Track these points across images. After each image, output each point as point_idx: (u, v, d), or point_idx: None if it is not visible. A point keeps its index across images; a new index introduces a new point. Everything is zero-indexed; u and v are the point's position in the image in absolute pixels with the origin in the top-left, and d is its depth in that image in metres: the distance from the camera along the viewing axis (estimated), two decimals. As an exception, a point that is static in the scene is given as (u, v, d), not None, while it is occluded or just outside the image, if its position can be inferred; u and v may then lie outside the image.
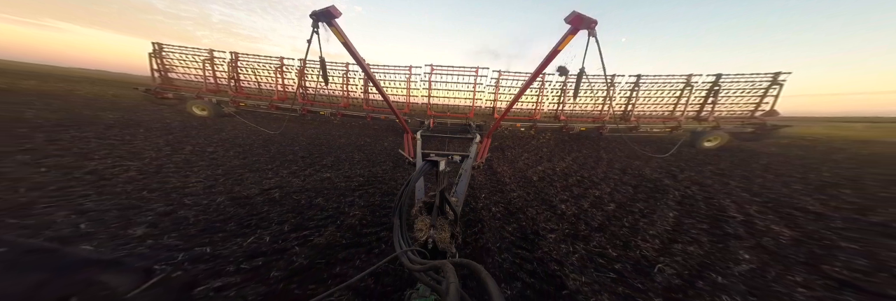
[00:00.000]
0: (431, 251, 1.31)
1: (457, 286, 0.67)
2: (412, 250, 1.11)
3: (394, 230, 1.32)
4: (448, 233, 1.38)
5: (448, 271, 0.72)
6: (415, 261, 1.01)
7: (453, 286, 0.66)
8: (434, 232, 1.34)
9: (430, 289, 0.96)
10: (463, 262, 0.79)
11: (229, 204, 2.51)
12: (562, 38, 2.90)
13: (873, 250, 2.09)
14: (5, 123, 4.78)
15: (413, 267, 0.93)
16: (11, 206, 2.08)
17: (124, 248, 1.72)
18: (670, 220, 2.77)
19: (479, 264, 0.71)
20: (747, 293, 1.68)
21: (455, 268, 0.75)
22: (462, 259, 0.81)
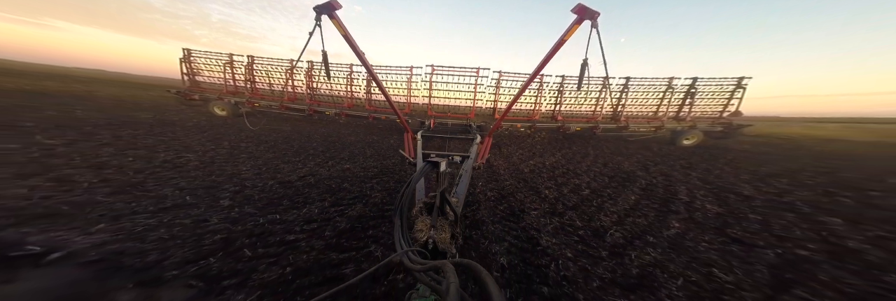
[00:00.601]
0: (432, 252, 1.31)
1: (457, 286, 0.67)
2: (413, 250, 1.11)
3: (394, 230, 1.34)
4: (448, 233, 1.39)
5: (448, 271, 0.73)
6: (415, 261, 1.01)
7: (453, 286, 0.67)
8: (434, 232, 1.35)
9: (431, 289, 0.94)
10: (463, 262, 0.79)
11: (278, 186, 3.16)
12: (567, 28, 3.24)
13: (769, 220, 2.77)
14: (71, 122, 5.45)
15: (414, 267, 0.93)
16: (132, 184, 2.76)
17: (222, 213, 2.38)
18: (631, 201, 3.43)
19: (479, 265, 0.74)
20: (667, 247, 2.35)
21: (455, 268, 0.75)
22: (462, 259, 0.82)
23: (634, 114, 8.26)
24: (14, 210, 2.17)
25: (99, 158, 3.59)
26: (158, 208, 2.34)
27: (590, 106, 8.20)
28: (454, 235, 1.45)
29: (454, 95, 8.34)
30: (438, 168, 1.55)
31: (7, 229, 1.92)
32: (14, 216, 2.08)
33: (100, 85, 17.23)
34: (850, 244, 2.28)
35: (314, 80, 8.60)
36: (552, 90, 8.02)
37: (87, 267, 1.62)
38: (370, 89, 8.38)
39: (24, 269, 1.56)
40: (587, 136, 8.97)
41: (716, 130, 7.68)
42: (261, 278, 1.65)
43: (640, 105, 8.15)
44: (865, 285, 1.77)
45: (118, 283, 1.52)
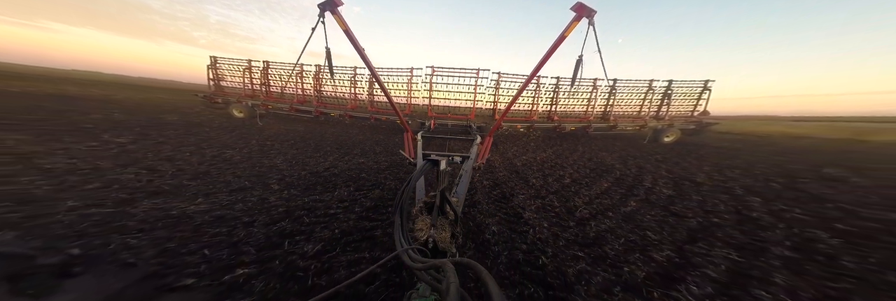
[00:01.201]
0: (432, 251, 1.32)
1: (457, 286, 0.67)
2: (413, 249, 1.11)
3: (395, 229, 1.33)
4: (448, 233, 1.40)
5: (448, 271, 0.73)
6: (415, 259, 1.01)
7: (453, 286, 0.67)
8: (434, 232, 1.35)
9: (431, 287, 0.95)
10: (464, 261, 0.79)
11: (310, 176, 3.83)
12: (567, 25, 3.47)
13: (705, 200, 3.47)
14: (119, 124, 6.14)
15: (414, 265, 0.93)
16: (200, 172, 3.48)
17: (275, 194, 3.05)
18: (603, 188, 4.11)
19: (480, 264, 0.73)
20: (621, 219, 3.03)
21: (455, 267, 0.75)
22: (463, 258, 0.81)
23: (622, 113, 8.95)
24: (136, 189, 2.89)
25: (165, 153, 4.33)
26: (229, 190, 3.02)
27: (582, 106, 8.69)
28: (454, 235, 1.45)
29: (454, 96, 8.43)
30: (438, 167, 1.56)
31: (144, 201, 2.61)
32: (141, 192, 2.78)
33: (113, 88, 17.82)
34: (754, 214, 2.98)
35: (321, 83, 9.22)
36: (548, 91, 8.30)
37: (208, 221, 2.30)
38: (372, 91, 8.75)
39: (174, 224, 2.23)
40: (580, 135, 9.57)
41: (689, 128, 8.43)
42: (319, 236, 2.31)
43: (626, 105, 8.85)
44: (745, 239, 2.47)
45: (232, 228, 2.19)
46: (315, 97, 9.24)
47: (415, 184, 1.67)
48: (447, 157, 2.24)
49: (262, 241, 2.11)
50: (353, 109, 8.76)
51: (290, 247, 2.09)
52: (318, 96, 9.28)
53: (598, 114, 8.80)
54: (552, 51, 3.60)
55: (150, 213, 2.40)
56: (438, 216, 1.43)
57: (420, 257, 1.03)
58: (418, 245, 1.29)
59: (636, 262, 2.09)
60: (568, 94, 8.43)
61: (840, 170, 5.27)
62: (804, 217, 2.99)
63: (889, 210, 3.23)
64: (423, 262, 0.93)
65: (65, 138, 4.74)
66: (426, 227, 1.40)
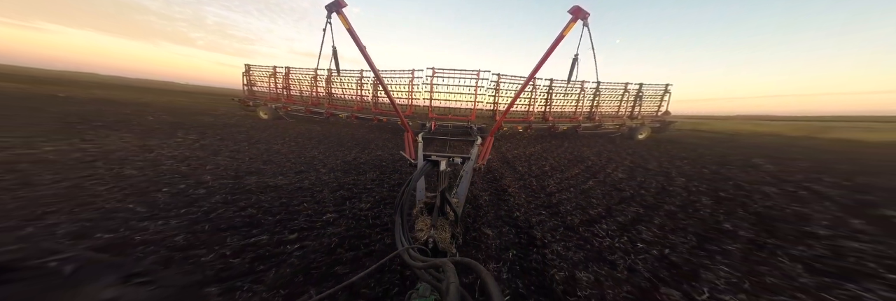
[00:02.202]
0: (432, 251, 1.35)
1: (457, 285, 0.68)
2: (413, 247, 1.12)
3: (395, 228, 1.36)
4: (448, 233, 1.42)
5: (448, 270, 0.74)
6: (416, 258, 1.01)
7: (453, 286, 0.67)
8: (435, 232, 1.37)
9: (431, 286, 0.96)
10: (464, 260, 0.80)
11: (343, 164, 4.91)
12: (564, 26, 3.83)
13: (646, 180, 4.59)
14: (176, 125, 7.25)
15: (415, 264, 0.95)
16: (268, 160, 4.59)
17: (326, 176, 4.13)
18: (574, 173, 5.21)
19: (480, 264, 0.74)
20: (577, 193, 4.12)
21: (455, 267, 0.76)
22: (463, 258, 0.82)
23: (605, 114, 10.04)
24: (236, 170, 4.03)
25: (231, 147, 5.49)
26: (293, 172, 4.11)
27: (572, 107, 9.34)
28: (454, 235, 1.46)
29: (455, 98, 8.57)
30: (438, 167, 1.57)
31: (246, 177, 3.72)
32: (241, 172, 3.89)
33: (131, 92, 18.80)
34: (671, 188, 4.11)
35: (331, 86, 10.23)
36: (542, 93, 8.78)
37: (295, 189, 3.39)
38: (376, 93, 9.03)
39: (276, 190, 3.31)
40: (571, 134, 10.42)
41: (655, 126, 9.61)
42: (366, 199, 3.38)
43: (607, 106, 9.96)
44: (653, 201, 3.59)
45: (311, 194, 3.27)
46: (326, 100, 10.24)
47: (415, 184, 1.69)
48: (447, 158, 2.25)
49: (332, 201, 3.19)
50: (358, 111, 9.29)
51: (350, 204, 3.16)
52: (329, 99, 10.26)
53: (585, 114, 9.69)
54: (551, 51, 3.81)
55: (258, 184, 3.48)
56: (438, 217, 1.46)
57: (420, 256, 1.05)
58: (419, 245, 1.31)
59: (577, 216, 3.18)
60: (561, 95, 8.97)
61: (764, 160, 6.46)
62: (703, 189, 4.14)
63: (765, 185, 4.40)
64: (424, 261, 0.95)
65: (156, 136, 5.94)
66: (426, 227, 1.42)
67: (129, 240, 2.09)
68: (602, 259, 2.22)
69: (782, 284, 1.89)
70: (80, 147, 4.59)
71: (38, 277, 0.92)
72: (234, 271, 1.82)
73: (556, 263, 2.12)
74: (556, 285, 1.87)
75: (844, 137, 11.04)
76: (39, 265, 0.96)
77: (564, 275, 1.99)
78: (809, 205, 3.50)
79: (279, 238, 2.26)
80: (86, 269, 0.98)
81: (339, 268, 1.94)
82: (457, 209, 1.59)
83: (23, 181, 3.03)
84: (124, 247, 2.00)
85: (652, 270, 2.07)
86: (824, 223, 2.92)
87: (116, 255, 1.91)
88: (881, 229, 2.83)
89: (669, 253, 2.32)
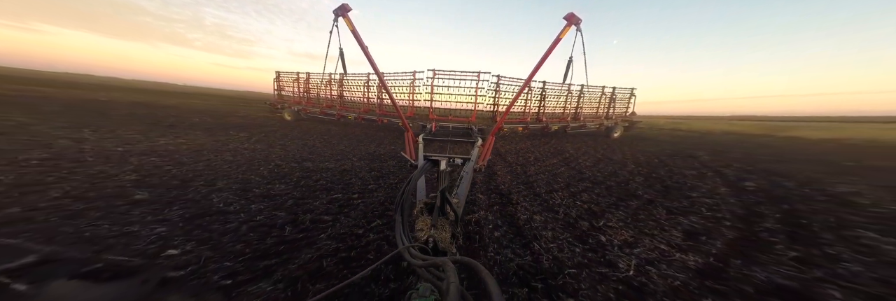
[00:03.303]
0: (432, 251, 1.36)
1: (457, 285, 0.68)
2: (414, 246, 1.15)
3: (396, 228, 1.40)
4: (449, 233, 1.44)
5: (449, 270, 0.74)
6: (416, 256, 1.03)
7: (454, 286, 0.68)
8: (435, 232, 1.39)
9: (432, 285, 0.98)
10: (464, 260, 0.81)
11: (367, 155, 6.21)
12: (560, 31, 4.08)
13: (606, 167, 5.95)
14: (219, 125, 8.55)
15: (415, 262, 0.96)
16: (309, 152, 5.84)
17: (359, 162, 5.45)
18: (552, 162, 6.53)
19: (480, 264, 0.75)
20: (550, 175, 5.45)
21: (455, 266, 0.77)
22: (463, 257, 0.84)
23: (588, 114, 11.40)
24: (292, 158, 5.29)
25: (277, 142, 6.76)
26: (333, 160, 5.42)
27: (561, 108, 10.24)
28: (454, 235, 1.49)
29: (455, 99, 8.82)
30: (438, 167, 1.62)
31: (303, 162, 5.00)
32: (299, 159, 5.16)
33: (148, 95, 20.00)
34: (620, 172, 5.46)
35: (343, 90, 11.47)
36: (536, 95, 9.36)
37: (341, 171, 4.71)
38: (381, 95, 9.52)
39: (326, 172, 4.63)
40: (560, 134, 11.40)
41: (626, 125, 11.04)
42: (394, 177, 4.68)
43: (590, 107, 11.32)
44: (601, 179, 4.95)
45: (354, 173, 4.59)
46: (338, 102, 11.38)
47: (415, 184, 1.69)
48: (448, 158, 2.22)
49: (371, 178, 4.49)
50: (365, 112, 9.91)
51: (383, 180, 4.47)
52: (340, 101, 11.36)
53: (571, 115, 10.74)
54: (547, 54, 3.99)
55: (315, 167, 4.77)
56: (439, 217, 1.49)
57: (421, 255, 1.07)
58: (419, 244, 1.32)
59: (543, 188, 4.51)
60: (553, 97, 9.69)
61: (707, 152, 7.86)
62: (642, 172, 5.49)
63: (689, 169, 5.79)
64: (425, 260, 0.96)
65: (217, 134, 7.28)
66: (426, 227, 1.45)
67: (270, 192, 3.41)
68: (551, 210, 3.54)
69: (646, 218, 3.21)
70: (179, 141, 5.96)
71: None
72: (334, 211, 3.13)
73: (522, 211, 3.43)
74: (519, 222, 3.18)
75: (793, 135, 12.60)
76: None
77: (526, 216, 3.31)
78: (705, 181, 4.88)
79: (348, 196, 3.57)
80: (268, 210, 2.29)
81: (389, 212, 3.25)
82: (457, 209, 1.62)
83: (178, 161, 4.41)
84: (274, 196, 3.30)
85: (578, 215, 3.39)
86: (702, 190, 4.29)
87: (273, 200, 3.19)
88: (732, 192, 4.24)
89: (593, 207, 3.65)
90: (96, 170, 3.74)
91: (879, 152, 9.00)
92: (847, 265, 2.26)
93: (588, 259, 2.27)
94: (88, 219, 2.43)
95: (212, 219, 2.58)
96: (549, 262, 2.20)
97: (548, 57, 3.97)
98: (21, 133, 5.56)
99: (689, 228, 2.93)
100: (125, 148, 5.01)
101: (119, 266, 1.84)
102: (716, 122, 26.68)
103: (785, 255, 2.40)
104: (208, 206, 2.84)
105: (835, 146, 10.44)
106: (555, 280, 1.96)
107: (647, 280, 2.01)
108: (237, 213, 2.75)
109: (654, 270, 2.14)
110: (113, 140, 5.63)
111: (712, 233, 2.83)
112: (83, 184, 3.22)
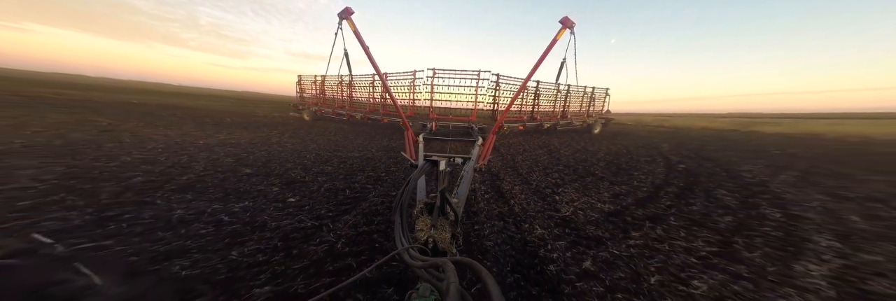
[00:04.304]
0: (432, 251, 1.38)
1: (457, 285, 0.69)
2: (413, 247, 1.16)
3: (395, 228, 1.38)
4: (449, 233, 1.45)
5: (448, 270, 0.75)
6: (416, 257, 1.03)
7: (453, 286, 0.68)
8: (435, 232, 1.40)
9: (432, 286, 0.97)
10: (464, 260, 0.81)
11: (382, 147, 7.46)
12: (556, 34, 4.30)
13: (579, 155, 7.28)
14: (249, 124, 9.86)
15: (414, 263, 0.97)
16: (336, 145, 7.13)
17: (379, 153, 6.74)
18: (538, 153, 7.85)
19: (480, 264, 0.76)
20: (532, 161, 6.76)
21: (455, 266, 0.77)
22: (463, 257, 0.84)
23: (574, 112, 12.68)
24: (325, 149, 6.54)
25: (308, 137, 8.00)
26: (357, 151, 6.70)
27: (551, 107, 11.06)
28: (454, 235, 1.50)
29: (455, 98, 8.96)
30: (438, 167, 1.61)
31: (337, 152, 6.30)
32: (331, 149, 6.44)
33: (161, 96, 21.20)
34: (590, 159, 6.80)
35: (352, 91, 12.61)
36: (529, 94, 9.77)
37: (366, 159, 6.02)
38: (383, 95, 9.91)
39: (353, 160, 5.94)
40: (551, 131, 12.22)
41: (603, 122, 12.40)
42: (406, 162, 6.00)
43: (575, 106, 12.60)
44: (572, 163, 6.29)
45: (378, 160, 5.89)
46: (347, 102, 12.33)
47: (415, 184, 1.71)
48: (448, 158, 2.17)
49: (392, 163, 5.77)
50: (371, 112, 10.43)
51: (399, 166, 5.75)
52: (350, 101, 12.23)
53: (560, 113, 11.63)
54: (544, 55, 4.12)
55: (344, 156, 6.05)
56: (439, 217, 1.51)
57: (420, 256, 1.07)
58: (418, 245, 1.33)
59: (525, 170, 5.81)
60: (546, 96, 10.41)
61: (670, 145, 9.22)
62: (607, 159, 6.82)
63: (645, 156, 7.14)
64: (424, 261, 0.97)
65: (255, 131, 8.51)
66: (426, 227, 1.46)
67: (323, 171, 4.70)
68: (527, 183, 4.84)
69: (592, 188, 4.50)
70: (233, 136, 7.24)
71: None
72: (372, 183, 4.42)
73: (505, 184, 4.72)
74: (503, 190, 4.47)
75: (755, 130, 14.06)
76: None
77: (508, 187, 4.60)
78: (652, 165, 6.22)
79: (378, 174, 4.85)
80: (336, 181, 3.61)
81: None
82: (457, 209, 1.63)
83: (247, 150, 5.75)
84: (328, 173, 4.58)
85: (545, 186, 4.68)
86: (644, 170, 5.63)
87: (329, 176, 4.48)
88: (665, 171, 5.58)
89: (558, 181, 4.96)
90: (203, 155, 5.07)
91: (806, 143, 10.51)
92: (694, 208, 3.62)
93: (544, 208, 3.58)
94: (232, 182, 3.77)
95: (299, 185, 3.89)
96: (519, 209, 3.51)
97: (545, 58, 4.11)
98: (122, 131, 6.84)
99: (616, 192, 4.27)
100: (203, 141, 6.30)
101: (277, 201, 3.16)
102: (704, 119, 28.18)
103: (663, 205, 3.74)
104: (292, 178, 4.15)
105: (778, 138, 12.06)
106: (522, 217, 3.27)
107: (574, 217, 3.32)
108: (311, 182, 4.05)
109: (581, 213, 3.45)
110: (188, 136, 6.93)
111: (629, 195, 4.16)
112: (208, 163, 4.60)
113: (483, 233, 2.69)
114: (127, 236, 2.30)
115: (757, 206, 3.74)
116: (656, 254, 2.45)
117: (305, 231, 2.59)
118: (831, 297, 1.95)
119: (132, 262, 1.97)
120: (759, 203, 3.86)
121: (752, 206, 3.75)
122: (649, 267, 2.24)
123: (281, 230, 2.58)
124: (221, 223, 2.63)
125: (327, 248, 2.31)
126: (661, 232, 2.89)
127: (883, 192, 4.42)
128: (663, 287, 1.99)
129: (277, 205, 3.16)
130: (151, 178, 3.68)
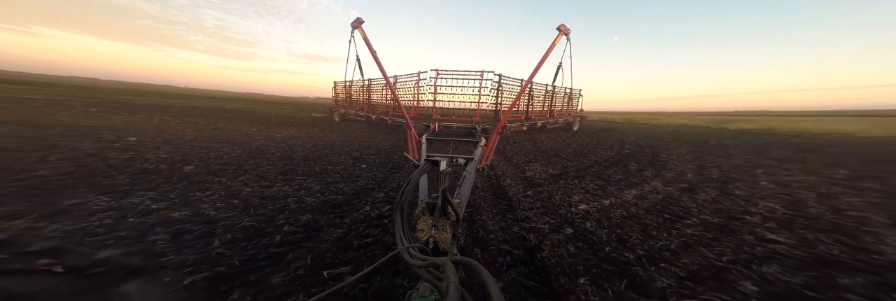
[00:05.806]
0: (433, 251, 1.40)
1: (457, 285, 0.70)
2: (414, 247, 1.18)
3: (395, 228, 1.41)
4: (450, 233, 1.47)
5: (448, 270, 0.76)
6: (416, 257, 1.06)
7: (453, 286, 0.69)
8: (436, 232, 1.42)
9: (432, 285, 0.99)
10: (464, 260, 0.83)
11: (403, 140, 9.64)
12: (553, 40, 4.60)
13: (558, 146, 9.38)
14: (304, 125, 12.12)
15: (414, 263, 0.99)
16: (367, 139, 9.34)
17: (400, 143, 8.91)
18: (526, 146, 9.91)
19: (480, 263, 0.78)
20: (517, 150, 8.85)
21: (455, 266, 0.79)
22: (463, 257, 0.86)
23: (558, 111, 14.68)
24: (362, 141, 8.75)
25: (344, 133, 10.19)
26: (386, 142, 8.86)
27: (542, 106, 12.63)
28: (455, 236, 1.53)
29: (459, 98, 9.52)
30: (438, 167, 1.66)
31: (371, 142, 8.50)
32: (368, 141, 8.64)
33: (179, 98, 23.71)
34: (564, 148, 8.89)
35: (370, 94, 14.69)
36: (526, 96, 10.47)
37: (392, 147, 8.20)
38: (389, 96, 10.91)
39: (380, 147, 8.13)
40: (541, 129, 14.03)
41: (580, 120, 14.41)
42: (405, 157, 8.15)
43: (559, 105, 14.58)
44: (550, 151, 8.39)
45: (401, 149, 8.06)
46: (365, 104, 14.23)
47: (415, 183, 1.73)
48: (449, 158, 2.21)
49: (412, 151, 7.94)
50: (383, 113, 11.53)
51: (420, 153, 7.92)
52: (368, 104, 14.08)
53: (548, 112, 13.18)
54: (543, 59, 4.43)
55: (377, 146, 8.18)
56: (440, 217, 1.53)
57: (421, 255, 1.10)
58: (419, 244, 1.34)
59: (513, 156, 7.91)
60: (539, 96, 11.77)
61: (637, 138, 11.24)
62: (575, 147, 8.90)
63: (611, 147, 9.22)
64: (424, 260, 0.99)
65: (302, 129, 10.66)
66: (427, 227, 1.48)
67: (370, 153, 6.88)
68: (509, 161, 6.93)
69: (553, 164, 6.59)
70: (291, 132, 9.30)
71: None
72: (405, 160, 6.56)
73: (495, 165, 6.86)
74: (492, 165, 6.60)
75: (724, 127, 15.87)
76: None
77: (495, 163, 6.71)
78: (607, 151, 8.28)
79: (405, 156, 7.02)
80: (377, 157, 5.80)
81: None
82: (459, 210, 1.65)
83: (312, 142, 7.92)
84: (376, 154, 6.75)
85: (521, 163, 6.75)
86: (597, 154, 7.71)
87: (377, 156, 6.64)
88: (612, 155, 7.66)
89: (530, 160, 7.06)
90: (291, 143, 7.24)
91: (746, 136, 12.27)
92: (607, 172, 5.73)
93: (515, 173, 5.68)
94: (324, 158, 5.96)
95: (361, 160, 6.05)
96: (500, 173, 5.63)
97: (544, 62, 4.48)
98: (222, 129, 8.97)
99: (566, 165, 6.37)
100: (281, 135, 8.52)
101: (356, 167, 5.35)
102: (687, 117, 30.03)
103: (591, 171, 5.84)
104: (355, 156, 6.32)
105: (732, 133, 13.99)
106: (501, 176, 5.39)
107: (532, 176, 5.41)
108: (368, 158, 6.21)
109: (537, 175, 5.54)
110: (264, 132, 9.09)
111: (574, 167, 6.26)
112: (307, 148, 6.78)
113: (477, 183, 4.83)
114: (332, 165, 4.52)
115: (643, 169, 5.87)
116: (566, 189, 4.57)
117: (379, 180, 4.77)
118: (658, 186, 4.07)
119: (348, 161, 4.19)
120: (645, 168, 5.96)
121: (641, 169, 5.87)
122: (558, 193, 4.36)
123: (370, 178, 4.76)
124: (337, 174, 4.84)
125: (394, 185, 4.49)
126: (575, 181, 5.01)
127: (731, 163, 6.51)
128: (561, 200, 4.11)
129: (358, 168, 5.35)
130: (286, 154, 5.90)
